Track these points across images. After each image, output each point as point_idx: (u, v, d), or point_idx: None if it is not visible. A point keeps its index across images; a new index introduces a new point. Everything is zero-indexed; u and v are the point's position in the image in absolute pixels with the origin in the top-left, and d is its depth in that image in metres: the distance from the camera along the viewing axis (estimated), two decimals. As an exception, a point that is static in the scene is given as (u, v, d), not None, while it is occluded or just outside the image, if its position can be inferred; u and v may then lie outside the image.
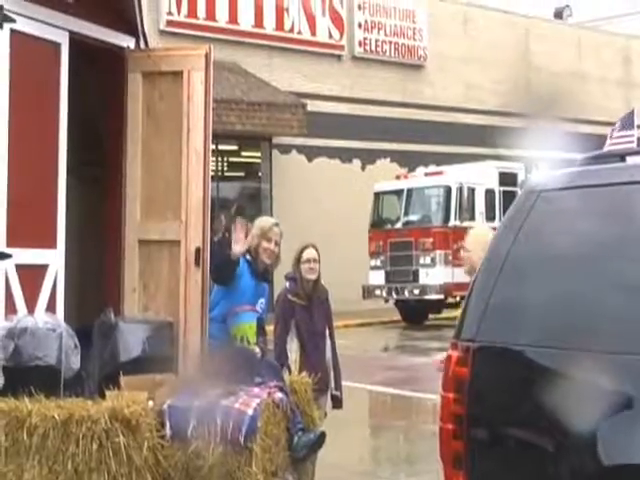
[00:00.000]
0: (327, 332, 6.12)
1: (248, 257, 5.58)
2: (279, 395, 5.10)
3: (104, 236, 6.10)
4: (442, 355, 5.31)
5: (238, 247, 5.38)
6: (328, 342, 6.09)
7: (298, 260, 6.01)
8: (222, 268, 5.44)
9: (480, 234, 5.33)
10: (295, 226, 10.49)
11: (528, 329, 3.23)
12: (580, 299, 3.15)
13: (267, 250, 5.58)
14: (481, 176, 19.55)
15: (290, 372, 5.70)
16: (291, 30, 22.10)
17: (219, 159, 21.26)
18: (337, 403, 6.15)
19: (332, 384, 6.08)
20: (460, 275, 18.50)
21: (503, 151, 20.19)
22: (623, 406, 2.92)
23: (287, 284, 6.09)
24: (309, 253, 6.02)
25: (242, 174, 22.78)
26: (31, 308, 5.14)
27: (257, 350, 5.50)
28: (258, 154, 22.21)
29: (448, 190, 19.10)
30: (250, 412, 4.81)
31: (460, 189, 19.04)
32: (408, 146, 23.44)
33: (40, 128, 5.33)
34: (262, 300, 5.65)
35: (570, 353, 3.08)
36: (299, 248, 6.06)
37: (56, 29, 5.39)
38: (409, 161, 22.98)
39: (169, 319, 5.47)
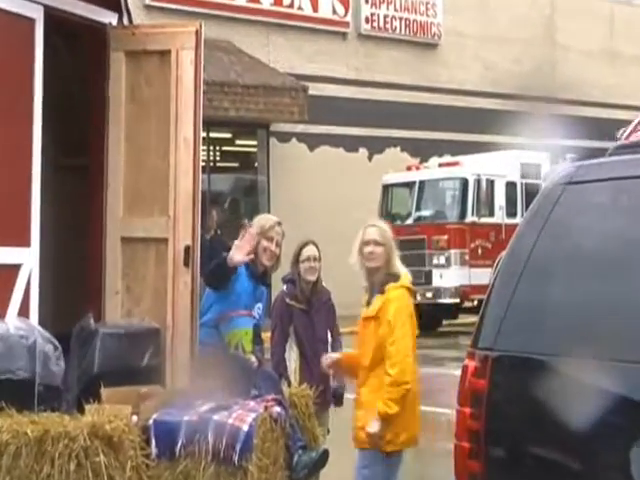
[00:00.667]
0: (330, 338, 6.12)
1: (246, 258, 5.56)
2: (277, 409, 5.10)
3: (85, 233, 6.10)
4: (334, 356, 5.35)
5: (239, 257, 5.37)
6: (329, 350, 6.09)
7: (297, 259, 6.01)
8: (218, 273, 5.43)
9: (386, 228, 5.46)
10: (294, 222, 10.48)
11: (554, 337, 3.22)
12: (612, 303, 3.14)
13: (267, 250, 5.58)
14: (501, 167, 19.53)
15: (289, 384, 5.70)
16: (291, 5, 22.10)
17: (211, 148, 21.25)
18: (339, 399, 6.14)
19: (332, 381, 6.05)
20: (478, 277, 18.58)
21: (526, 139, 20.20)
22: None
23: (284, 287, 6.09)
24: (309, 250, 6.01)
25: (236, 165, 22.76)
26: (1, 312, 5.13)
27: (253, 359, 5.51)
28: (254, 143, 22.19)
29: (464, 182, 19.09)
30: (245, 428, 4.81)
31: (478, 181, 19.02)
32: (420, 134, 23.42)
33: (11, 112, 5.32)
34: (259, 305, 5.65)
35: (602, 364, 3.08)
36: (298, 245, 6.04)
37: (30, 3, 5.38)
38: (421, 150, 22.96)
39: (155, 325, 5.48)
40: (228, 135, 22.17)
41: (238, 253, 5.37)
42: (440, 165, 20.13)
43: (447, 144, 22.98)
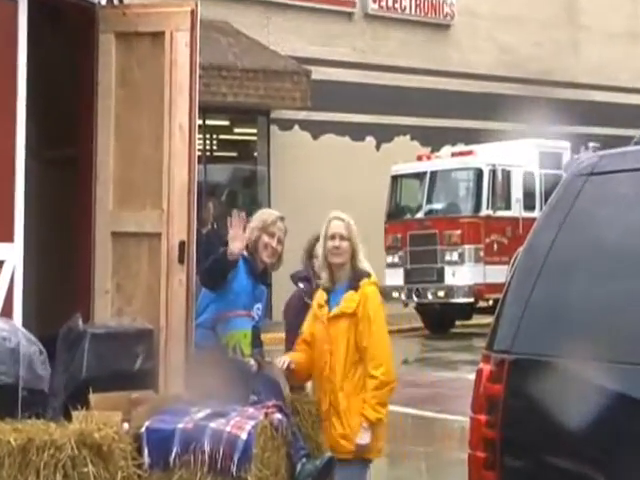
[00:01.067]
0: None
1: (245, 253, 5.57)
2: (278, 416, 5.10)
3: (72, 228, 6.11)
4: (286, 357, 5.32)
5: (237, 244, 5.36)
6: None
7: (310, 254, 5.89)
8: (216, 270, 5.42)
9: (351, 221, 5.41)
10: (297, 216, 10.47)
11: (576, 338, 3.21)
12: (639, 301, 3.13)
13: (268, 246, 5.57)
14: (518, 156, 19.51)
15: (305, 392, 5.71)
16: (293, -17, 22.11)
17: (207, 136, 21.25)
18: None
19: None
20: (494, 274, 18.59)
21: (545, 127, 20.16)
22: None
23: (300, 285, 6.06)
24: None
25: (234, 154, 22.76)
26: (-17, 313, 5.13)
27: (252, 363, 5.51)
28: (254, 131, 22.19)
29: (479, 173, 19.08)
30: (244, 436, 4.81)
31: (493, 172, 19.01)
32: (431, 121, 23.40)
33: (-7, 100, 5.32)
34: (259, 305, 5.66)
35: (629, 368, 3.06)
36: (309, 240, 5.95)
37: (13, -18, 5.38)
38: (433, 139, 22.95)
39: (148, 326, 5.48)
40: (226, 122, 22.17)
41: (236, 244, 5.36)
42: (453, 154, 20.12)
43: (460, 132, 22.96)
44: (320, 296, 5.36)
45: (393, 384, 5.20)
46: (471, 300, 18.89)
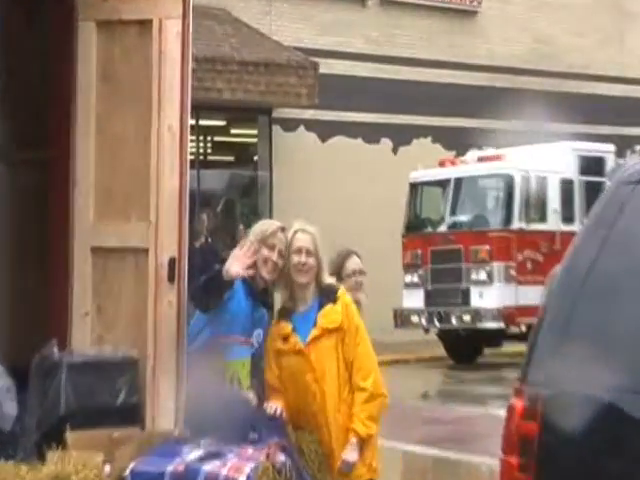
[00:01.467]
0: None
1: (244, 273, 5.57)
2: (281, 457, 5.10)
3: (46, 242, 6.12)
4: (277, 404, 5.35)
5: (236, 267, 5.36)
6: None
7: (338, 274, 5.98)
8: (208, 291, 5.42)
9: (317, 233, 5.54)
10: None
11: (622, 370, 3.21)
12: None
13: (268, 261, 5.57)
14: (555, 161, 19.51)
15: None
16: (298, -36, 22.20)
17: (201, 138, 21.30)
18: None
19: None
20: (527, 296, 18.55)
21: (586, 127, 20.18)
22: None
23: None
24: (355, 263, 6.05)
25: (232, 159, 22.79)
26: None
27: (252, 396, 5.50)
28: (254, 132, 22.23)
29: (510, 180, 19.07)
30: (242, 480, 4.80)
31: (526, 179, 19.00)
32: (456, 121, 23.43)
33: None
34: (259, 331, 5.66)
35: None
36: (336, 257, 6.07)
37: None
38: (457, 141, 22.96)
39: (133, 354, 5.48)
40: (222, 122, 22.21)
41: (236, 264, 5.38)
42: (480, 159, 20.10)
43: (488, 133, 22.93)
44: (282, 328, 5.41)
45: (384, 398, 5.31)
46: (501, 325, 18.84)
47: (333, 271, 6.01)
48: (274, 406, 5.33)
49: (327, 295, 5.39)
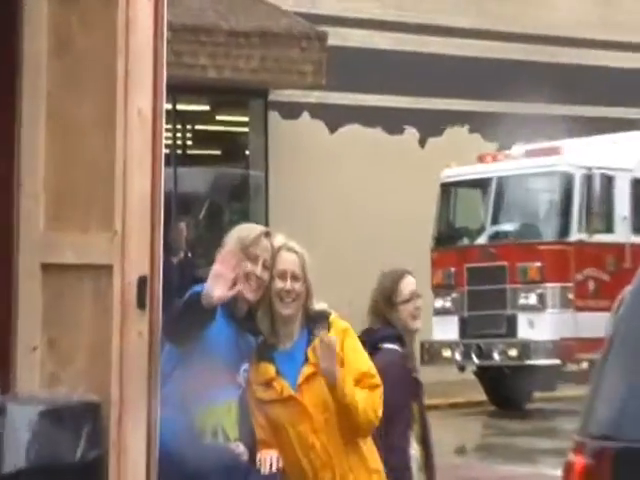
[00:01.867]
0: None
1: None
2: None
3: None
4: (273, 453, 5.39)
5: (219, 291, 5.36)
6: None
7: (389, 299, 6.15)
8: (187, 319, 5.42)
9: (304, 251, 5.68)
10: (306, 240, 10.46)
11: None
12: None
13: (251, 277, 5.62)
14: (625, 157, 19.53)
15: None
16: None
17: (179, 127, 21.37)
18: None
19: None
20: (589, 325, 18.51)
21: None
22: None
23: (391, 346, 6.21)
24: (411, 284, 6.26)
25: (217, 153, 22.90)
26: None
27: (241, 450, 5.50)
28: (245, 119, 22.32)
29: (568, 180, 19.12)
30: None
31: (588, 178, 19.04)
32: (500, 106, 23.46)
33: None
34: (247, 366, 5.66)
35: None
36: (385, 280, 6.16)
37: None
38: (501, 131, 22.97)
39: (94, 398, 5.47)
40: (205, 107, 22.31)
41: (217, 285, 5.37)
42: (529, 153, 20.14)
43: (540, 120, 22.94)
44: (263, 371, 5.49)
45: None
46: (556, 362, 18.88)
47: (382, 298, 6.08)
48: (268, 457, 5.38)
49: (317, 323, 5.46)
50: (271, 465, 5.36)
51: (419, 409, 6.31)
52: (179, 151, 21.32)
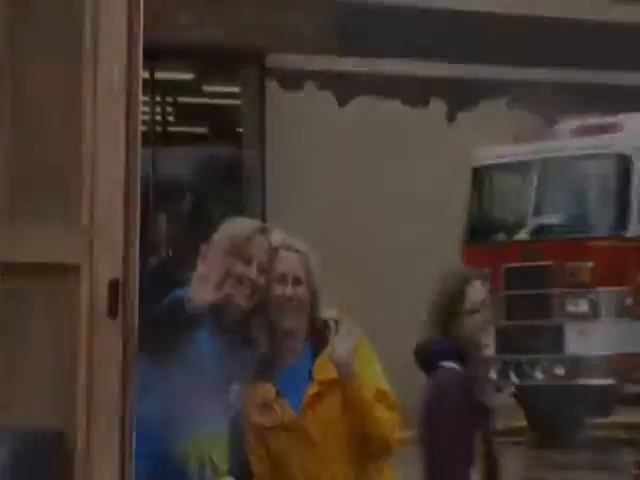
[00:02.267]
0: None
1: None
2: None
3: None
4: None
5: (207, 294, 5.35)
6: None
7: (453, 308, 6.20)
8: (166, 326, 5.48)
9: (308, 250, 5.75)
10: (309, 235, 10.59)
11: None
12: None
13: (243, 280, 5.60)
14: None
15: None
16: None
17: (158, 100, 21.36)
18: None
19: None
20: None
21: None
22: None
23: (451, 364, 6.25)
24: (479, 292, 6.25)
25: (203, 130, 22.85)
26: None
27: (232, 483, 5.59)
28: (235, 89, 22.27)
29: (625, 163, 19.12)
30: None
31: (651, 162, 19.07)
32: (545, 73, 23.42)
33: None
34: (239, 385, 5.70)
35: None
36: (448, 283, 6.26)
37: None
38: (545, 104, 22.95)
39: (57, 426, 5.47)
40: (189, 76, 22.28)
41: (202, 288, 5.39)
42: (580, 131, 20.13)
43: (592, 91, 22.94)
44: (261, 392, 5.53)
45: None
46: (611, 382, 18.88)
47: (444, 305, 6.14)
48: None
49: (323, 335, 5.50)
50: None
51: (486, 442, 6.32)
52: (158, 129, 21.30)
